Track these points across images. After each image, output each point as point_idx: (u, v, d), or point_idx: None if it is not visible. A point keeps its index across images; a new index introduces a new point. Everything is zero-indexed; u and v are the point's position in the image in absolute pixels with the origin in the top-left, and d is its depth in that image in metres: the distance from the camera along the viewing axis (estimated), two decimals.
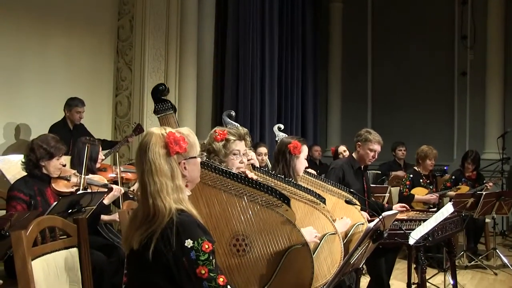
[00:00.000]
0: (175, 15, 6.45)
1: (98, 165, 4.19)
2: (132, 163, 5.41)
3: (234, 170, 2.58)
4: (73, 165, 3.95)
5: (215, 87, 7.43)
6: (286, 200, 2.27)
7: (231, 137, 2.66)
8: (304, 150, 3.27)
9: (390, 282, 4.53)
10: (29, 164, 3.47)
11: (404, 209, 4.31)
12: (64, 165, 3.66)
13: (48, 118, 5.43)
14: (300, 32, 8.95)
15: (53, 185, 3.54)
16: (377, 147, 4.18)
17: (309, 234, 2.52)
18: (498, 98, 8.33)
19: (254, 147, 5.57)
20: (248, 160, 3.20)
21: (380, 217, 2.32)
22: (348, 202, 2.89)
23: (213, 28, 7.20)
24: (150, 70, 6.28)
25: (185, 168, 1.91)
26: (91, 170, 4.01)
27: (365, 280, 4.53)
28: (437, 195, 5.79)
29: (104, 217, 3.85)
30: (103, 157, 4.43)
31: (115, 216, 3.89)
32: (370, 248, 2.52)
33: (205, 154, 2.57)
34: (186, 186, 1.94)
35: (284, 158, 3.22)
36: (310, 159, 7.85)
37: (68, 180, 3.62)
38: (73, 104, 5.36)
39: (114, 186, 3.82)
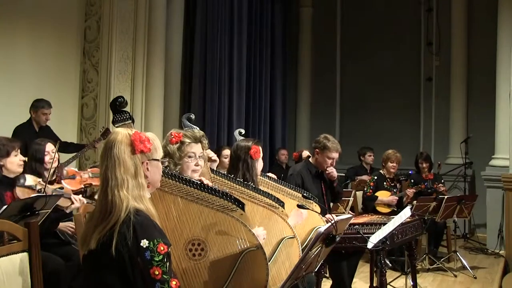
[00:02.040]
0: (143, 17, 6.40)
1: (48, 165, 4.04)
2: (97, 166, 5.36)
3: (189, 173, 2.59)
4: (29, 169, 3.84)
5: (183, 90, 7.40)
6: (240, 204, 2.30)
7: (187, 140, 2.65)
8: (261, 151, 3.30)
9: (354, 285, 4.60)
10: None
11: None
12: (25, 162, 3.59)
13: (12, 120, 5.33)
14: (269, 36, 8.99)
15: (18, 193, 3.46)
16: (335, 155, 4.16)
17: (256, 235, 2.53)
18: (462, 104, 8.51)
19: (218, 150, 5.58)
20: (210, 157, 3.21)
21: (333, 221, 2.37)
22: (300, 206, 2.92)
23: (182, 30, 7.17)
24: (117, 72, 6.22)
25: (147, 169, 1.96)
26: (59, 177, 3.91)
27: (329, 283, 4.58)
28: (398, 197, 5.91)
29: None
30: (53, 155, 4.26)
31: (65, 226, 3.80)
32: (325, 252, 2.55)
33: (166, 159, 2.57)
34: (148, 186, 1.98)
35: (245, 164, 3.20)
36: (276, 163, 7.91)
37: (33, 189, 3.55)
38: (39, 105, 5.29)
39: (75, 198, 3.68)
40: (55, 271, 3.28)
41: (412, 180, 6.44)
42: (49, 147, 3.96)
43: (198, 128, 2.97)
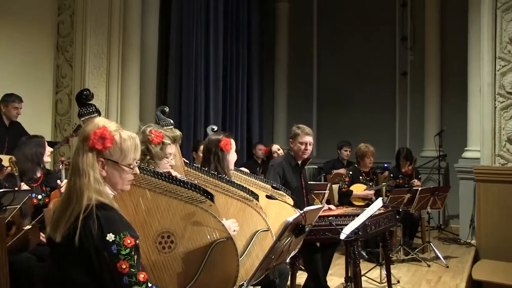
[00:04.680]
0: (117, 11, 6.34)
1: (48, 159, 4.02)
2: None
3: (164, 171, 2.60)
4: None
5: (158, 85, 7.37)
6: (209, 195, 2.31)
7: (167, 141, 2.68)
8: (233, 144, 3.31)
9: (330, 277, 4.64)
10: None
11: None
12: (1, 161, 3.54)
13: None
14: (245, 31, 8.99)
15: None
16: (307, 139, 4.21)
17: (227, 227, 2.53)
18: (436, 98, 8.65)
19: (195, 146, 5.58)
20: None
21: (302, 211, 2.39)
22: (268, 197, 2.94)
23: (157, 25, 7.13)
24: (92, 68, 6.15)
25: (103, 167, 1.91)
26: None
27: (304, 276, 4.62)
28: (374, 191, 5.97)
29: None
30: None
31: None
32: (295, 243, 2.58)
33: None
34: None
35: (216, 157, 3.22)
36: (253, 158, 7.92)
37: None
38: (10, 100, 5.23)
39: None
40: (26, 269, 3.23)
41: (392, 174, 6.52)
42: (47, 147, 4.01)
43: (172, 121, 2.98)
